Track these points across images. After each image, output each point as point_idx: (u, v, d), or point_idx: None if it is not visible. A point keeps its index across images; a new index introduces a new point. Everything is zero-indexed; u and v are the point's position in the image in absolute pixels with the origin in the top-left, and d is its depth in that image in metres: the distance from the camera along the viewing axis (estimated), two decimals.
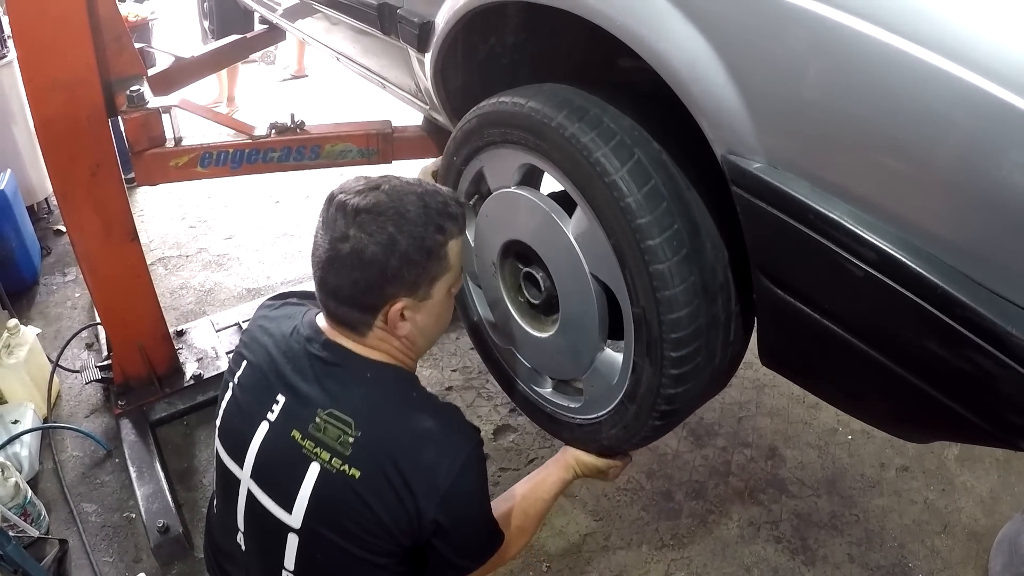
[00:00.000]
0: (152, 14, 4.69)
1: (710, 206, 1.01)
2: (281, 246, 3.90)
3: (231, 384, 1.18)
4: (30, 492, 2.24)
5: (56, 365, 2.79)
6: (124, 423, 2.58)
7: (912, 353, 0.81)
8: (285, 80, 6.51)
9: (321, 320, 1.13)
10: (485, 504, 1.13)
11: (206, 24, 3.80)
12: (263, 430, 1.10)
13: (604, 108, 1.05)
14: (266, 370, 1.13)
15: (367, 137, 2.39)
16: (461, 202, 1.10)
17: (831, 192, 0.80)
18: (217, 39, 3.46)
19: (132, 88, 2.19)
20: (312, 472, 1.03)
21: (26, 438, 2.45)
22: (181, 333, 2.98)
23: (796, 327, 0.92)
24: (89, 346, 3.13)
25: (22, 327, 2.74)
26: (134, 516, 2.33)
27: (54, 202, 3.91)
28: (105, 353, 2.85)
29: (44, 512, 2.30)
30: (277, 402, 1.09)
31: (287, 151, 2.34)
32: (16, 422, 2.49)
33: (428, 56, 1.44)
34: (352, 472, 1.01)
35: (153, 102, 2.23)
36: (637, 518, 2.32)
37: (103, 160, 2.16)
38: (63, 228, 3.48)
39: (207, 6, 3.68)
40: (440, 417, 1.07)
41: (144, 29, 4.49)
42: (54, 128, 2.05)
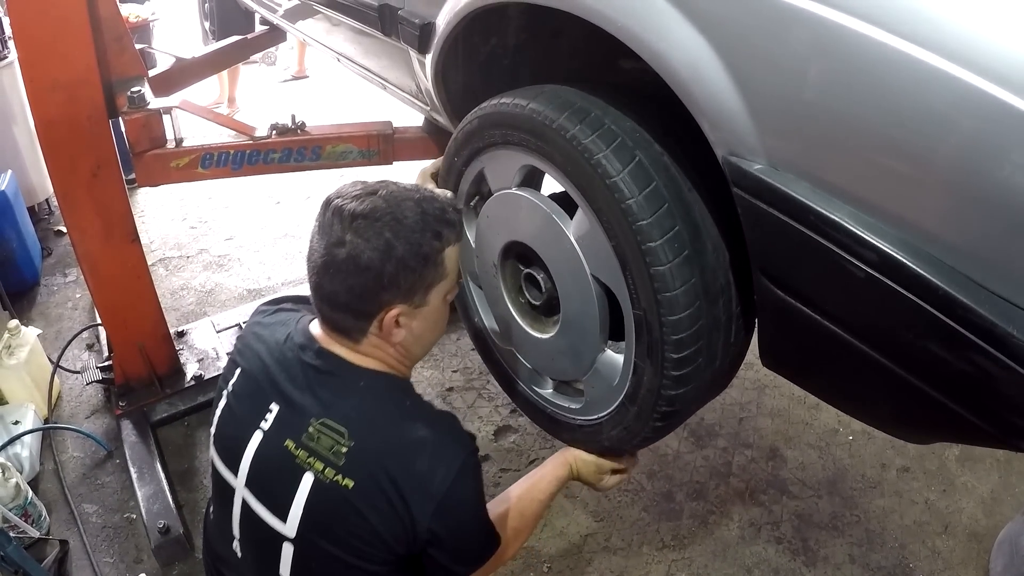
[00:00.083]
0: (153, 15, 4.69)
1: (711, 208, 1.01)
2: (282, 247, 3.90)
3: (225, 392, 1.18)
4: (31, 493, 2.24)
5: (57, 366, 2.79)
6: (125, 424, 2.58)
7: (913, 354, 0.81)
8: (286, 81, 6.51)
9: (315, 327, 1.12)
10: (481, 511, 1.12)
11: (207, 25, 3.80)
12: (257, 439, 1.09)
13: (605, 110, 1.05)
14: (259, 378, 1.12)
15: (368, 138, 2.39)
16: (459, 208, 1.10)
17: (832, 193, 0.80)
18: (218, 40, 3.46)
19: (133, 89, 2.19)
20: (306, 482, 1.03)
21: (27, 439, 2.45)
22: (182, 334, 2.98)
23: (797, 328, 0.92)
24: (90, 347, 3.13)
25: (23, 328, 2.74)
26: (135, 517, 2.33)
27: (55, 203, 3.91)
28: (106, 354, 2.85)
29: (45, 513, 2.30)
30: (270, 411, 1.09)
31: (288, 152, 2.34)
32: (17, 423, 2.49)
33: (429, 57, 1.44)
34: (346, 482, 1.01)
35: (154, 103, 2.24)
36: (638, 519, 2.32)
37: (104, 161, 2.16)
38: (64, 229, 3.49)
39: (208, 7, 3.68)
40: (434, 425, 1.06)
41: (145, 30, 4.49)
42: (55, 129, 2.05)
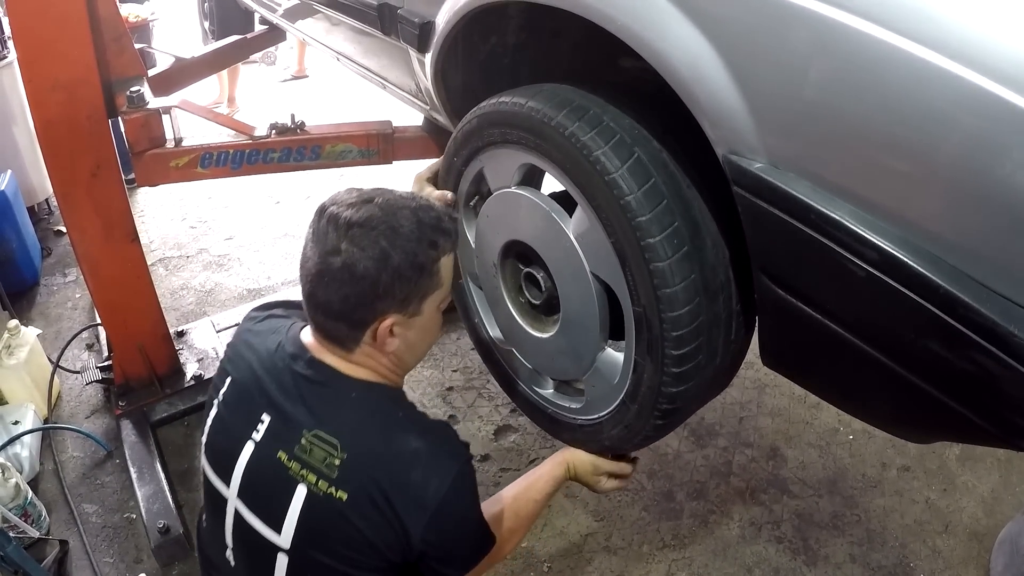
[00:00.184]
0: (152, 15, 4.68)
1: (711, 206, 1.01)
2: (282, 247, 3.90)
3: (216, 401, 1.17)
4: (30, 493, 2.24)
5: (57, 366, 2.79)
6: (125, 424, 2.58)
7: (914, 354, 0.80)
8: (285, 81, 6.51)
9: (306, 335, 1.12)
10: (475, 517, 1.12)
11: (206, 25, 3.80)
12: (248, 450, 1.08)
13: (604, 107, 1.05)
14: (251, 388, 1.12)
15: (367, 137, 2.38)
16: (454, 217, 1.10)
17: (833, 192, 0.80)
18: (217, 40, 3.46)
19: (132, 89, 2.19)
20: (299, 494, 1.02)
21: (27, 439, 2.45)
22: (182, 334, 2.98)
23: (797, 327, 0.92)
24: (90, 347, 3.13)
25: (23, 328, 2.74)
26: (135, 517, 2.33)
27: (55, 203, 3.91)
28: (106, 354, 2.85)
29: (44, 513, 2.30)
30: (262, 421, 1.08)
31: (287, 151, 2.34)
32: (17, 423, 2.49)
33: (428, 56, 1.44)
34: (339, 495, 1.00)
35: (153, 103, 2.23)
36: (638, 518, 2.32)
37: (103, 161, 2.16)
38: (63, 229, 3.48)
39: (207, 7, 3.68)
40: (427, 436, 1.06)
41: (144, 30, 4.49)
42: (54, 129, 2.05)
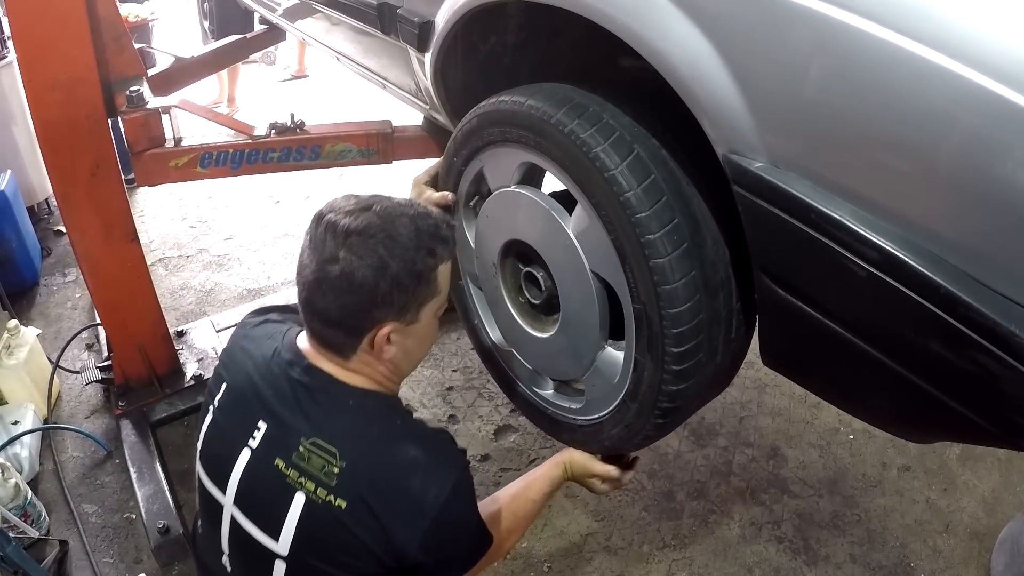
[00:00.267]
0: (152, 14, 4.68)
1: (711, 205, 1.01)
2: (281, 246, 3.89)
3: (211, 407, 1.17)
4: (30, 493, 2.24)
5: (56, 366, 2.79)
6: (124, 424, 2.58)
7: (915, 353, 0.80)
8: (285, 80, 6.51)
9: (302, 341, 1.11)
10: (473, 522, 1.12)
11: (206, 24, 3.80)
12: (245, 457, 1.08)
13: (604, 105, 1.05)
14: (247, 394, 1.11)
15: (367, 137, 2.38)
16: (452, 224, 1.10)
17: (833, 191, 0.80)
18: (217, 39, 3.45)
19: (132, 88, 2.19)
20: (298, 502, 1.02)
21: (26, 439, 2.45)
22: (181, 334, 2.97)
23: (798, 327, 0.91)
24: (89, 347, 3.12)
25: (22, 328, 2.74)
26: (134, 517, 2.33)
27: (54, 203, 3.91)
28: (105, 354, 2.85)
29: (44, 513, 2.30)
30: (259, 429, 1.08)
31: (287, 151, 2.33)
32: (16, 423, 2.48)
33: (428, 56, 1.43)
34: (338, 503, 1.00)
35: (153, 102, 2.23)
36: (638, 518, 2.32)
37: (103, 161, 2.15)
38: (63, 229, 3.48)
39: (207, 6, 3.68)
40: (425, 445, 1.06)
41: (144, 29, 4.48)
42: (54, 129, 2.04)
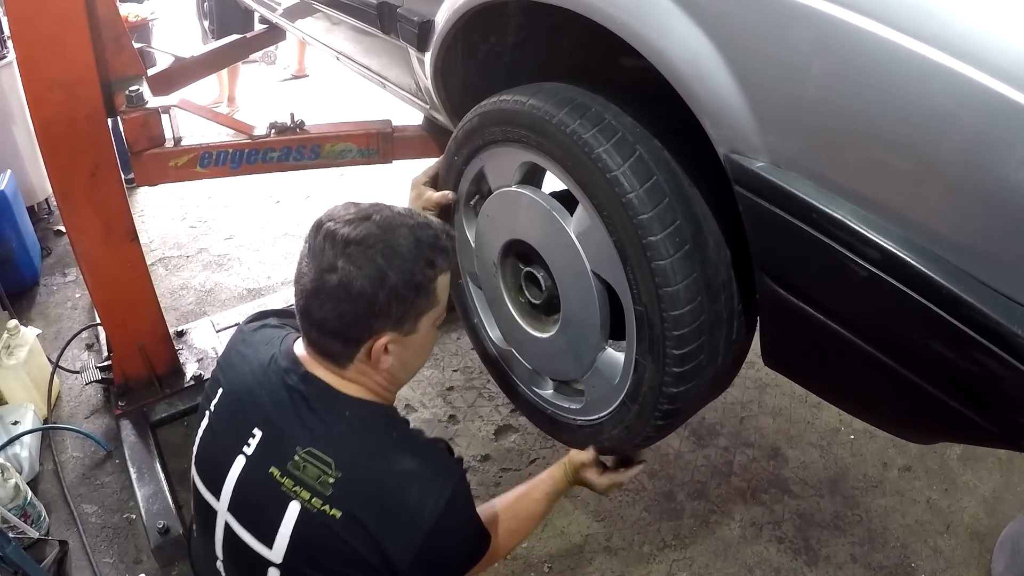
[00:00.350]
0: (152, 14, 4.67)
1: (712, 204, 1.01)
2: (282, 246, 3.89)
3: (207, 412, 1.17)
4: (30, 493, 2.24)
5: (56, 366, 2.78)
6: (124, 424, 2.57)
7: (916, 354, 0.80)
8: (285, 80, 6.50)
9: (299, 348, 1.11)
10: (471, 530, 1.12)
11: (206, 24, 3.80)
12: (239, 464, 1.08)
13: (606, 106, 1.05)
14: (243, 400, 1.11)
15: (367, 137, 2.38)
16: (452, 235, 1.09)
17: (835, 191, 0.80)
18: (217, 39, 3.45)
19: (131, 88, 2.18)
20: (292, 511, 1.02)
21: (26, 439, 2.45)
22: (181, 333, 2.97)
23: (799, 328, 0.91)
24: (89, 347, 3.12)
25: (22, 328, 2.74)
26: (134, 517, 2.33)
27: (54, 202, 3.90)
28: (105, 354, 2.84)
29: (44, 513, 2.30)
30: (253, 436, 1.07)
31: (287, 151, 2.33)
32: (16, 423, 2.48)
33: (428, 55, 1.43)
34: (333, 512, 1.00)
35: (152, 102, 2.23)
36: (639, 518, 2.32)
37: (102, 160, 2.15)
38: (63, 228, 3.48)
39: (207, 6, 3.68)
40: (421, 455, 1.06)
41: (144, 29, 4.48)
42: (53, 128, 2.04)
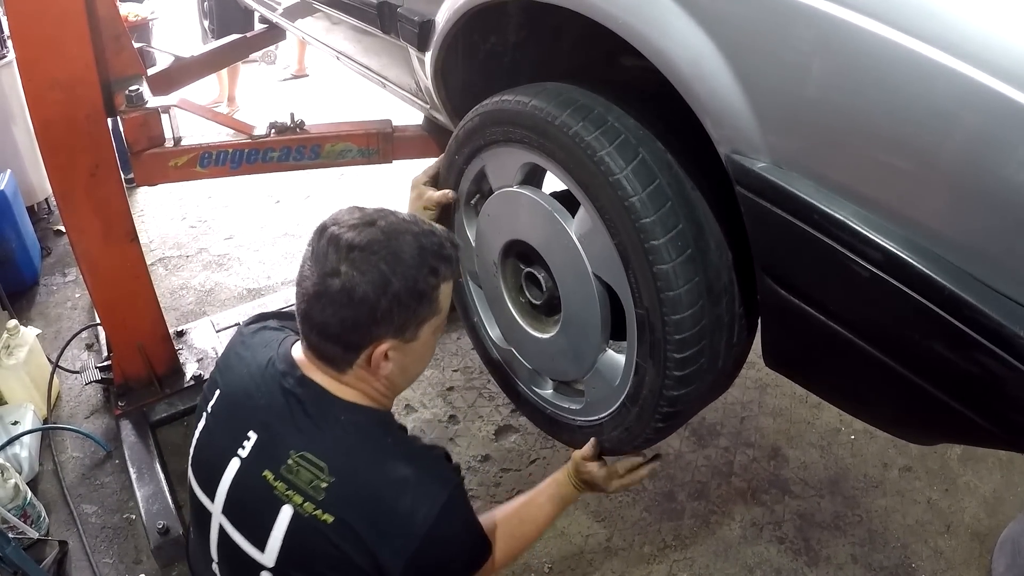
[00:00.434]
0: (152, 14, 4.67)
1: (714, 206, 1.01)
2: (282, 246, 3.89)
3: (205, 413, 1.16)
4: (30, 493, 2.24)
5: (56, 366, 2.78)
6: (124, 424, 2.57)
7: (918, 355, 0.80)
8: (286, 80, 6.49)
9: (297, 351, 1.10)
10: (466, 539, 1.10)
11: (206, 24, 3.79)
12: (234, 466, 1.07)
13: (608, 107, 1.04)
14: (239, 403, 1.11)
15: (367, 136, 2.37)
16: (456, 243, 1.09)
17: (836, 192, 0.80)
18: (217, 39, 3.45)
19: (131, 88, 2.18)
20: (284, 515, 1.01)
21: (26, 439, 2.45)
22: (181, 333, 2.97)
23: (801, 329, 0.91)
24: (89, 347, 3.12)
25: (22, 328, 2.73)
26: (134, 517, 2.32)
27: (54, 202, 3.89)
28: (105, 354, 2.84)
29: (44, 513, 2.29)
30: (248, 438, 1.07)
31: (287, 151, 2.33)
32: (16, 423, 2.48)
33: (428, 55, 1.43)
34: (325, 517, 0.99)
35: (152, 102, 2.22)
36: (639, 519, 2.32)
37: (102, 160, 2.15)
38: (63, 228, 3.47)
39: (207, 6, 3.67)
40: (415, 463, 1.04)
41: (144, 29, 4.47)
42: (53, 128, 2.04)
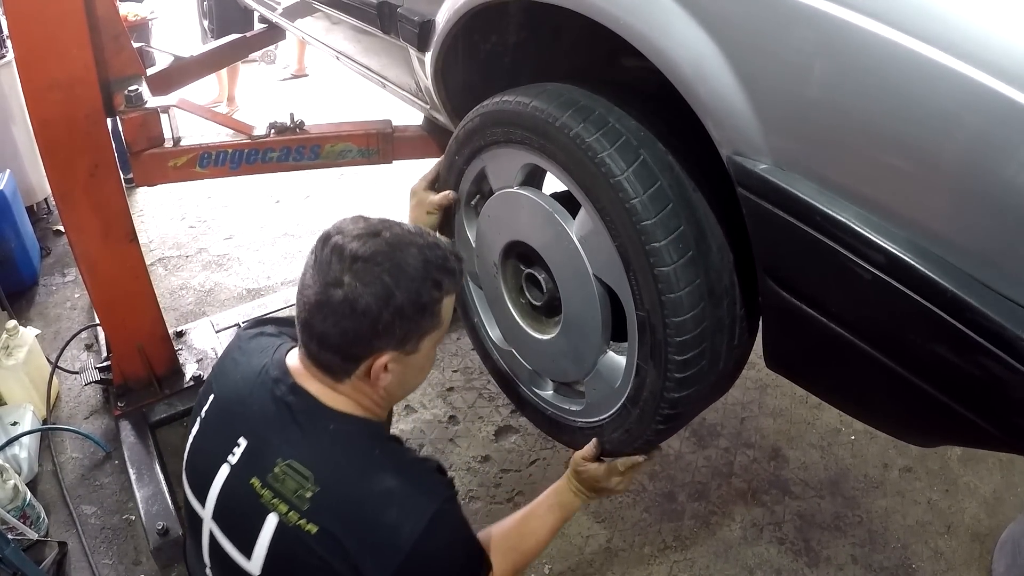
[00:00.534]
0: (151, 14, 4.67)
1: (716, 208, 1.00)
2: (281, 246, 3.89)
3: (199, 418, 1.16)
4: (29, 494, 2.23)
5: (55, 366, 2.77)
6: (124, 424, 2.57)
7: (920, 357, 0.80)
8: (285, 80, 6.49)
9: (292, 358, 1.10)
10: (457, 555, 1.07)
11: (205, 23, 3.79)
12: (224, 473, 1.07)
13: (609, 108, 1.04)
14: (232, 409, 1.11)
15: (367, 137, 2.37)
16: (460, 256, 1.08)
17: (839, 194, 0.79)
18: (217, 38, 3.45)
19: (131, 88, 2.18)
20: (270, 523, 1.01)
21: (25, 440, 2.44)
22: (181, 334, 2.97)
23: (802, 331, 0.91)
24: (88, 347, 3.12)
25: (21, 328, 2.73)
26: (134, 518, 2.32)
27: (54, 202, 3.89)
28: (104, 354, 2.84)
29: (43, 514, 2.29)
30: (239, 445, 1.06)
31: (286, 151, 2.33)
32: (15, 424, 2.47)
33: (428, 55, 1.43)
34: (309, 527, 0.98)
35: (152, 102, 2.22)
36: (639, 520, 2.31)
37: (101, 160, 2.14)
38: (62, 228, 3.47)
39: (206, 5, 3.67)
40: (403, 475, 1.03)
41: (143, 29, 4.47)
42: (52, 128, 2.03)
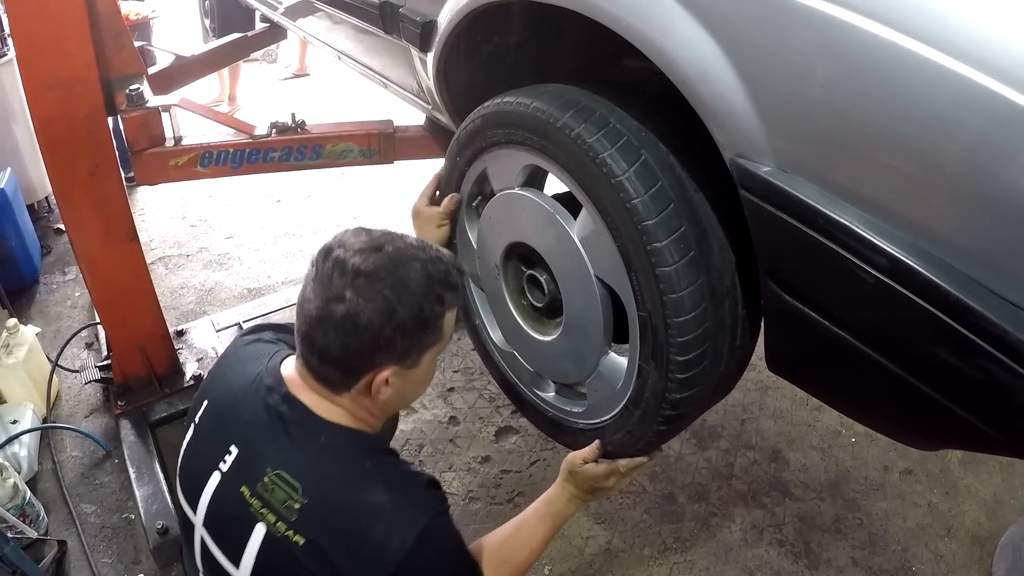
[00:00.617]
0: (153, 12, 4.68)
1: (718, 209, 1.00)
2: (282, 245, 3.89)
3: (193, 423, 1.16)
4: (29, 493, 2.23)
5: (56, 365, 2.78)
6: (124, 423, 2.56)
7: (922, 361, 0.80)
8: (286, 79, 6.50)
9: (287, 367, 1.09)
10: (448, 572, 1.07)
11: (207, 22, 3.79)
12: (215, 480, 1.07)
13: (611, 109, 1.04)
14: (225, 415, 1.10)
15: (368, 137, 2.37)
16: (462, 270, 1.08)
17: (841, 196, 0.79)
18: (218, 38, 3.45)
19: (132, 87, 2.18)
20: (258, 533, 1.00)
21: (25, 438, 2.44)
22: (181, 333, 2.96)
23: (804, 333, 0.91)
24: (89, 346, 3.12)
25: (21, 326, 2.73)
26: (133, 517, 2.32)
27: (54, 201, 3.89)
28: (105, 353, 2.84)
29: (43, 513, 2.29)
30: (230, 452, 1.06)
31: (288, 151, 2.32)
32: (15, 422, 2.47)
33: (430, 56, 1.42)
34: (296, 539, 0.98)
35: (153, 101, 2.22)
36: (639, 521, 2.31)
37: (102, 159, 2.14)
38: (63, 227, 3.47)
39: (208, 4, 3.67)
40: (394, 488, 1.02)
41: (145, 27, 4.48)
42: (53, 127, 2.03)
